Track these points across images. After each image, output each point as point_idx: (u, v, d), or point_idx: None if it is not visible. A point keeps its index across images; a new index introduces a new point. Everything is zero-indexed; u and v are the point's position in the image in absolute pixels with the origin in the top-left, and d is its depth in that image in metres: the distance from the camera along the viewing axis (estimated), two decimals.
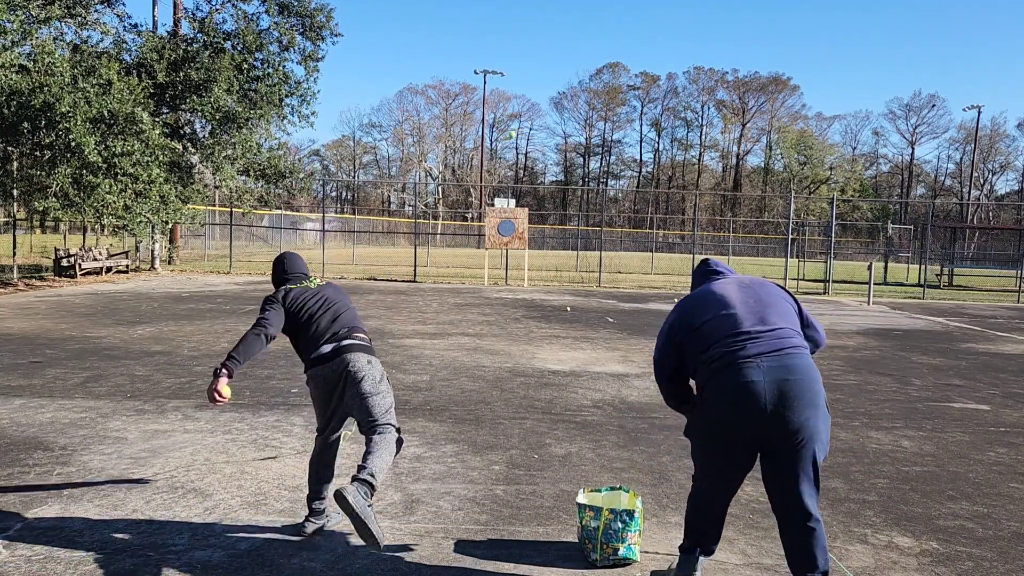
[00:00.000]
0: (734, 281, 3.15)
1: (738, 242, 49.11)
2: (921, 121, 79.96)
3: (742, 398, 2.73)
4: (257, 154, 20.01)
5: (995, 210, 75.97)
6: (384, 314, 12.61)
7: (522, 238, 20.41)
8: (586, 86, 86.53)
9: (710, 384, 2.86)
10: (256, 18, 20.76)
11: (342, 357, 3.45)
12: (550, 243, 48.60)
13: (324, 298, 3.69)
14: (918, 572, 3.41)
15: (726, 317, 2.92)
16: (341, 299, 3.77)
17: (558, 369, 8.13)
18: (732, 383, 2.76)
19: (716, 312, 2.97)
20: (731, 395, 2.76)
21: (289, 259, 3.95)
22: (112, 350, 8.36)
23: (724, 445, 2.86)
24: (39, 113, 13.55)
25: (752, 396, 2.71)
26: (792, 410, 2.71)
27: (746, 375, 2.74)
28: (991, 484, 4.70)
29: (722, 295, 3.03)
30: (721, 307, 2.97)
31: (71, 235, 26.45)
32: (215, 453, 4.78)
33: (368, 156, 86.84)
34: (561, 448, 5.15)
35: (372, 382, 3.44)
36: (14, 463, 4.45)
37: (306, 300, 3.66)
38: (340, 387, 3.46)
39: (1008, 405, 7.11)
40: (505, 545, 3.54)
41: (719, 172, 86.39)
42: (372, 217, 58.59)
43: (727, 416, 2.78)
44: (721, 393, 2.80)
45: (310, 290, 3.74)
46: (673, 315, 3.12)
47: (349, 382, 3.43)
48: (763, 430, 2.76)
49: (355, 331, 3.60)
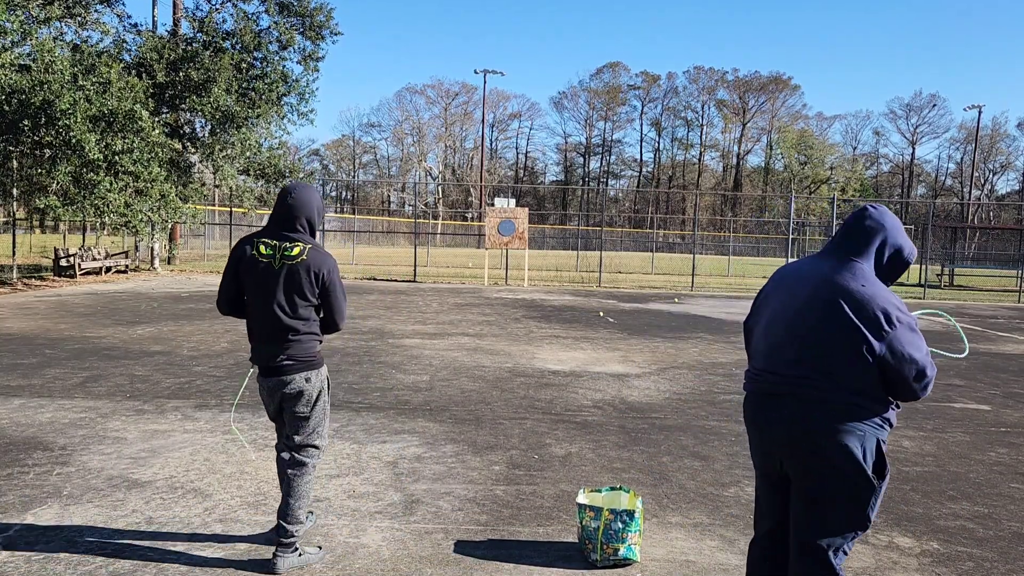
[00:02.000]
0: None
1: (738, 242, 49.09)
2: (922, 121, 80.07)
3: None
4: (257, 153, 20.03)
5: (996, 210, 75.96)
6: (384, 314, 12.60)
7: (522, 238, 20.41)
8: (586, 86, 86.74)
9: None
10: (256, 17, 20.80)
11: (278, 378, 3.20)
12: (550, 243, 48.61)
13: (271, 290, 3.12)
14: (919, 572, 3.41)
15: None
16: (293, 297, 3.13)
17: (558, 369, 8.12)
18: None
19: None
20: None
21: (287, 197, 3.15)
22: (112, 350, 8.35)
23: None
24: (39, 111, 13.56)
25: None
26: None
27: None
28: (992, 484, 4.70)
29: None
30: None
31: (70, 235, 26.46)
32: (215, 453, 4.78)
33: (368, 156, 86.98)
34: (561, 448, 5.14)
35: (307, 403, 3.25)
36: (14, 463, 4.45)
37: (252, 277, 3.14)
38: (278, 402, 3.28)
39: (1009, 405, 7.10)
40: (505, 545, 3.54)
41: (719, 172, 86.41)
42: (372, 217, 58.57)
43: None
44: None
45: (261, 265, 3.12)
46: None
47: (286, 400, 3.25)
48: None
49: (292, 347, 3.16)
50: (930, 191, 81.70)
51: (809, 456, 2.40)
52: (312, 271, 3.11)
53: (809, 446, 2.39)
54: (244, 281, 3.17)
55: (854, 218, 2.50)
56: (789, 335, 2.44)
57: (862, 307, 2.32)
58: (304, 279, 3.11)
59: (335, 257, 3.29)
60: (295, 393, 3.20)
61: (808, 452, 2.40)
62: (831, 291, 2.37)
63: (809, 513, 2.46)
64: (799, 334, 2.41)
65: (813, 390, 2.37)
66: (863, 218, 2.47)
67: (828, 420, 2.36)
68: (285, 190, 3.18)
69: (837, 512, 2.41)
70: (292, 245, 3.12)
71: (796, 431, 2.41)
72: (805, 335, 2.39)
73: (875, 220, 2.45)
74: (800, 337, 2.41)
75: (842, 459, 2.35)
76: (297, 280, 3.10)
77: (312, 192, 3.20)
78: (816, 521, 2.45)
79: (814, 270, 2.47)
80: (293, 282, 3.10)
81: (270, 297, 3.10)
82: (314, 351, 3.23)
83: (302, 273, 3.10)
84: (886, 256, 2.46)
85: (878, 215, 2.46)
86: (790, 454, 2.46)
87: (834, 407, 2.35)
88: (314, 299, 3.17)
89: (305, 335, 3.17)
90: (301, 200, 3.14)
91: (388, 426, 5.53)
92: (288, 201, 3.14)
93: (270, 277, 3.11)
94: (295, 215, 3.13)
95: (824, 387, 2.36)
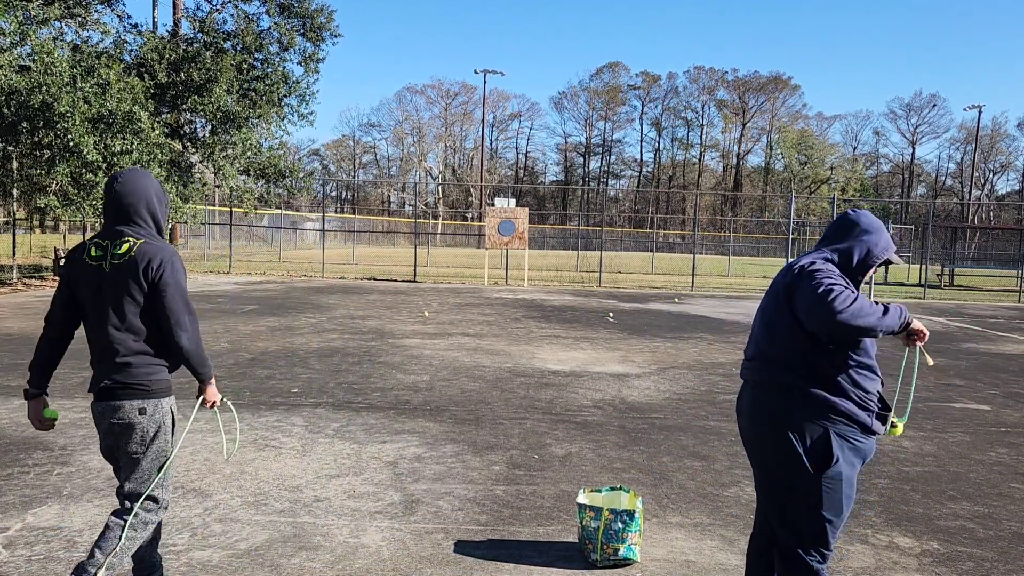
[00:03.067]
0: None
1: (738, 242, 49.10)
2: (922, 121, 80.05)
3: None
4: (257, 154, 20.03)
5: (996, 210, 75.97)
6: (384, 314, 12.61)
7: (522, 238, 20.41)
8: (586, 86, 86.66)
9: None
10: (256, 18, 20.80)
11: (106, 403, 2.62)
12: (550, 243, 48.62)
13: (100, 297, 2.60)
14: (919, 572, 3.41)
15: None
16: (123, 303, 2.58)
17: (558, 369, 8.12)
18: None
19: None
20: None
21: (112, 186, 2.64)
22: None
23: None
24: (38, 113, 13.56)
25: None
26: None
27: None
28: (992, 484, 4.70)
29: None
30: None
31: (70, 235, 26.47)
32: (215, 453, 4.78)
33: (368, 156, 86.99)
34: (561, 448, 5.14)
35: (141, 440, 2.63)
36: (14, 463, 4.45)
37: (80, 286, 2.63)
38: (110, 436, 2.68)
39: (1009, 405, 7.10)
40: (505, 545, 3.54)
41: (719, 172, 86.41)
42: (372, 217, 58.61)
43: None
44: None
45: (89, 270, 2.60)
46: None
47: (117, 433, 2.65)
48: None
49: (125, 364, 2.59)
50: (930, 191, 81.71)
51: (757, 441, 2.53)
52: (140, 267, 2.56)
53: (756, 431, 2.52)
54: (76, 291, 2.64)
55: (835, 220, 2.67)
56: (758, 321, 2.61)
57: (790, 275, 2.45)
58: (131, 280, 2.56)
59: (335, 257, 3.10)
60: (123, 426, 2.60)
61: (756, 438, 2.53)
62: (783, 275, 2.53)
63: (768, 505, 2.54)
64: (764, 319, 2.57)
65: (758, 373, 2.52)
66: (841, 217, 2.64)
67: (771, 403, 2.45)
68: (111, 179, 2.65)
69: (795, 505, 2.44)
70: (122, 242, 2.59)
71: (748, 418, 2.57)
72: (763, 319, 2.57)
73: (850, 219, 2.59)
74: (763, 322, 2.56)
75: (779, 446, 2.42)
76: (123, 281, 2.56)
77: (145, 177, 2.68)
78: (776, 513, 2.50)
79: (789, 264, 2.61)
80: (120, 284, 2.56)
81: (101, 307, 2.59)
82: (152, 376, 2.62)
83: (129, 271, 2.56)
84: (856, 253, 2.52)
85: (854, 215, 2.60)
86: (747, 440, 2.61)
87: (772, 388, 2.46)
88: (141, 301, 2.59)
89: (140, 354, 2.60)
90: (130, 187, 2.62)
91: (388, 426, 5.54)
92: (116, 189, 2.62)
93: (101, 282, 2.58)
94: (126, 205, 2.61)
95: (766, 369, 2.49)
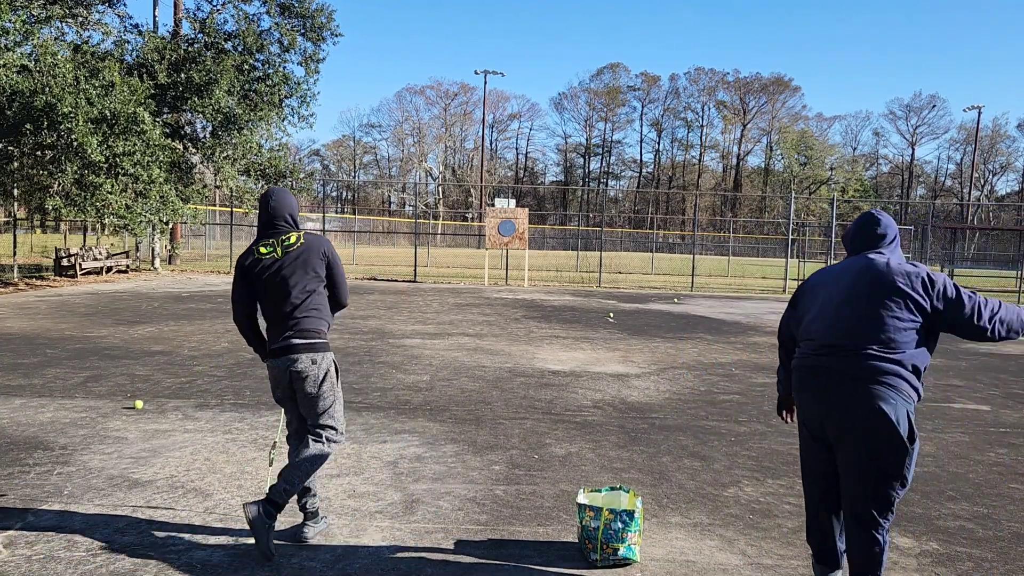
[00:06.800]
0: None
1: (738, 242, 49.11)
2: (921, 122, 80.00)
3: None
4: (258, 154, 20.04)
5: (995, 211, 75.98)
6: (384, 314, 12.61)
7: (522, 238, 20.41)
8: (586, 86, 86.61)
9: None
10: (257, 19, 20.78)
11: (286, 357, 3.37)
12: (550, 243, 48.62)
13: (280, 277, 3.37)
14: (918, 572, 3.41)
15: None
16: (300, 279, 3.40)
17: (558, 369, 8.13)
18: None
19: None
20: None
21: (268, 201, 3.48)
22: (112, 350, 8.36)
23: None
24: (41, 114, 13.56)
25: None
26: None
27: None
28: (991, 485, 4.70)
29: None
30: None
31: (71, 235, 26.46)
32: (215, 453, 4.78)
33: (368, 156, 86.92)
34: (561, 448, 5.14)
35: (314, 382, 3.40)
36: (14, 463, 4.45)
37: (260, 275, 3.40)
38: (288, 384, 3.44)
39: (1008, 405, 7.11)
40: (505, 545, 3.54)
41: (719, 172, 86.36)
42: (372, 217, 58.62)
43: None
44: None
45: (265, 262, 3.40)
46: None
47: (295, 380, 3.41)
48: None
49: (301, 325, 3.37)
50: (930, 192, 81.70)
51: (854, 424, 2.73)
52: (315, 249, 3.41)
53: (855, 414, 2.72)
54: (255, 284, 3.41)
55: (866, 223, 2.99)
56: (844, 311, 2.81)
57: (902, 274, 2.78)
58: (311, 257, 3.40)
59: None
60: (299, 374, 3.37)
61: (851, 421, 2.73)
62: (884, 271, 2.81)
63: (858, 484, 2.77)
64: (855, 311, 2.79)
65: (851, 360, 2.75)
66: (875, 223, 2.98)
67: (876, 389, 2.70)
68: (265, 196, 3.48)
69: (887, 479, 2.72)
70: (287, 236, 3.42)
71: (840, 402, 2.75)
72: (854, 312, 2.79)
73: (885, 222, 2.98)
74: (855, 314, 2.79)
75: (882, 427, 2.68)
76: (303, 260, 3.38)
77: (288, 194, 3.54)
78: (870, 488, 2.75)
79: (852, 264, 2.92)
80: (300, 263, 3.37)
81: (282, 283, 3.35)
82: (319, 335, 3.42)
83: (306, 254, 3.39)
84: (897, 247, 2.97)
85: (885, 219, 2.99)
86: (835, 424, 2.79)
87: (876, 374, 2.71)
88: (323, 275, 3.43)
89: (309, 317, 3.38)
90: (281, 201, 3.47)
91: (388, 426, 5.54)
92: (272, 203, 3.46)
93: (279, 266, 3.37)
94: (280, 214, 3.45)
95: (865, 358, 2.72)
